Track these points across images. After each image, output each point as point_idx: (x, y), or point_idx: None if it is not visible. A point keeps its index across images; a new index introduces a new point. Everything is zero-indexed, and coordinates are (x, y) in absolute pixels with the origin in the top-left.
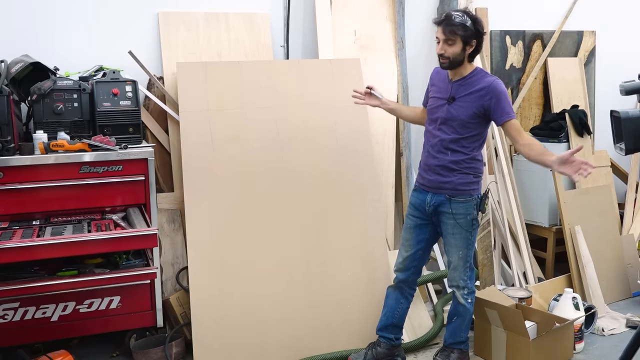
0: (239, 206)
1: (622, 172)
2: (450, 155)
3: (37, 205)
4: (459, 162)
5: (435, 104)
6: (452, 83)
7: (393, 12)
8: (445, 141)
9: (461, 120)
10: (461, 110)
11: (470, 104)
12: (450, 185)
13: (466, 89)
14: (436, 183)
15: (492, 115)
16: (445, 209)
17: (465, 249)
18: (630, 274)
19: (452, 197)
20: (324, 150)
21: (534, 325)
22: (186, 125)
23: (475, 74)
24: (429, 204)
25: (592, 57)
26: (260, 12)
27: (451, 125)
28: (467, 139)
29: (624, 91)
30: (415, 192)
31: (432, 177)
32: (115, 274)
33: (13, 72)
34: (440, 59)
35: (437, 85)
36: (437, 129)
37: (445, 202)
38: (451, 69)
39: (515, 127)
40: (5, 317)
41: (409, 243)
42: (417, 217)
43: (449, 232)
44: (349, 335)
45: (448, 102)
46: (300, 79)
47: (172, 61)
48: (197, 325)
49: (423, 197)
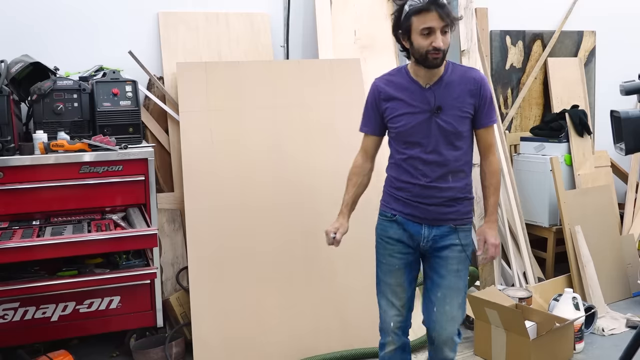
0: (239, 206)
1: (622, 172)
2: (451, 181)
3: (37, 205)
4: (463, 188)
5: (410, 121)
6: (429, 89)
7: None
8: (442, 165)
9: (457, 132)
10: (454, 119)
11: (461, 109)
12: (455, 215)
13: (451, 92)
14: (436, 215)
15: (477, 116)
16: (451, 240)
17: (465, 289)
18: (630, 274)
19: (458, 227)
20: (324, 151)
21: (534, 325)
22: (186, 125)
23: (450, 69)
24: (426, 238)
25: (592, 57)
26: (260, 12)
27: (446, 142)
28: (466, 154)
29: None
30: (395, 223)
31: (430, 208)
32: (115, 274)
33: (13, 72)
34: (432, 54)
35: (400, 97)
36: (426, 151)
37: (450, 233)
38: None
39: (493, 134)
40: (5, 317)
41: (400, 288)
42: (406, 253)
43: (451, 269)
44: (348, 335)
45: (432, 113)
46: (300, 79)
47: (172, 61)
48: (197, 325)
49: (415, 229)
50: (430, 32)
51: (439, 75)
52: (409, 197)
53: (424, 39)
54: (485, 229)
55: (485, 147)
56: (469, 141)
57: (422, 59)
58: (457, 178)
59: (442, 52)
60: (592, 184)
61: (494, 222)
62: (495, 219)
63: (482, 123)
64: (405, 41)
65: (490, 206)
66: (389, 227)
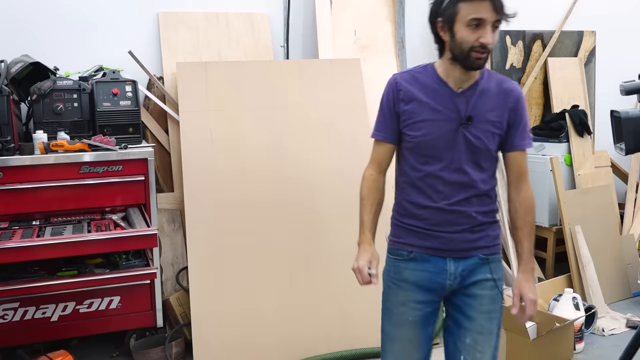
0: (239, 206)
1: (622, 172)
2: (476, 204)
3: (37, 205)
4: (489, 212)
5: (432, 131)
6: (461, 94)
7: (393, 12)
8: (467, 186)
9: (487, 150)
10: (485, 135)
11: (495, 124)
12: (485, 241)
13: (485, 102)
14: (462, 243)
15: (509, 136)
16: (482, 275)
17: (498, 334)
18: (630, 274)
19: (489, 257)
20: (323, 151)
21: (534, 325)
22: (186, 125)
23: (486, 75)
24: (454, 275)
25: (592, 57)
26: (260, 12)
27: (472, 160)
28: (491, 178)
29: (624, 91)
30: (412, 262)
31: (454, 237)
32: (115, 274)
33: (13, 72)
34: (476, 53)
35: (424, 99)
36: (448, 169)
37: (480, 265)
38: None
39: (526, 160)
40: (5, 317)
41: (413, 346)
42: (425, 302)
43: (483, 310)
44: (348, 335)
45: (461, 124)
46: (300, 78)
47: (172, 61)
48: (197, 325)
49: (437, 266)
50: (479, 25)
51: (473, 80)
52: (427, 226)
53: (470, 31)
54: (522, 282)
55: (517, 174)
56: (495, 164)
57: (463, 57)
58: (483, 203)
59: (488, 52)
60: (592, 184)
61: (531, 273)
62: (532, 267)
63: (515, 144)
64: (444, 32)
65: (526, 252)
66: (404, 269)
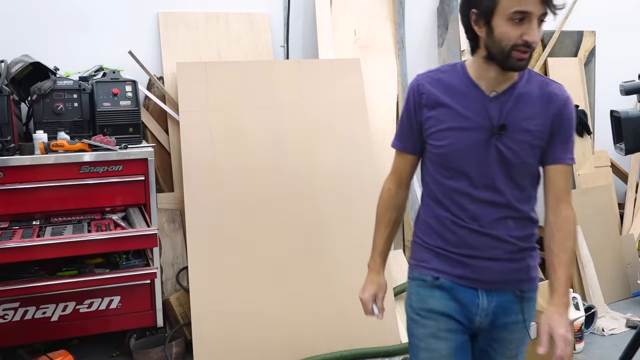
0: (239, 206)
1: (622, 172)
2: (513, 227)
3: (37, 205)
4: (528, 237)
5: (459, 141)
6: (494, 98)
7: (393, 12)
8: (500, 206)
9: (524, 165)
10: (521, 147)
11: (534, 134)
12: (524, 273)
13: (522, 108)
14: (499, 274)
15: (551, 148)
16: (514, 316)
17: None
18: (630, 274)
19: (525, 293)
20: (323, 151)
21: (534, 325)
22: (186, 125)
23: (526, 77)
24: (486, 312)
25: (592, 57)
26: (260, 12)
27: (507, 177)
28: (530, 198)
29: (624, 91)
30: (438, 290)
31: (490, 265)
32: (115, 274)
33: (13, 72)
34: (519, 52)
35: (450, 104)
36: (477, 186)
37: (514, 303)
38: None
39: (570, 177)
40: (5, 317)
41: None
42: (456, 330)
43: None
44: (348, 335)
45: (493, 134)
46: (300, 79)
47: (172, 61)
48: (197, 325)
49: (468, 298)
50: (523, 19)
51: (511, 82)
52: (456, 249)
53: (512, 27)
54: (554, 316)
55: (557, 193)
56: (536, 181)
57: (503, 56)
58: (522, 226)
59: (532, 51)
60: (592, 184)
61: (566, 307)
62: (567, 301)
63: (556, 156)
64: (479, 26)
65: (562, 283)
66: (430, 297)
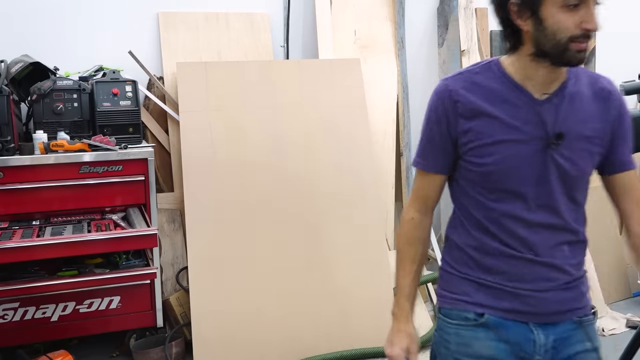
0: (239, 206)
1: None
2: (569, 253)
3: (37, 205)
4: (579, 264)
5: (509, 155)
6: (545, 101)
7: (393, 12)
8: (558, 229)
9: (584, 177)
10: (581, 157)
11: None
12: (578, 301)
13: (577, 110)
14: (555, 305)
15: (615, 153)
16: (580, 345)
17: None
18: (630, 274)
19: (583, 319)
20: (323, 151)
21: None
22: (186, 125)
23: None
24: (544, 347)
25: (592, 57)
26: (260, 12)
27: (566, 193)
28: (584, 215)
29: (624, 91)
30: (483, 330)
31: (545, 296)
32: (115, 274)
33: (13, 72)
34: (578, 43)
35: (494, 113)
36: (533, 207)
37: (575, 331)
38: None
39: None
40: (5, 317)
41: None
42: None
43: None
44: (349, 335)
45: (551, 144)
46: (300, 79)
47: (172, 61)
48: (197, 325)
49: (521, 334)
50: (579, 4)
51: (562, 81)
52: (503, 281)
53: (568, 14)
54: None
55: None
56: (586, 197)
57: (559, 51)
58: (577, 251)
59: (589, 41)
60: (593, 184)
61: None
62: None
63: (625, 162)
64: (523, 20)
65: None
66: (473, 338)
